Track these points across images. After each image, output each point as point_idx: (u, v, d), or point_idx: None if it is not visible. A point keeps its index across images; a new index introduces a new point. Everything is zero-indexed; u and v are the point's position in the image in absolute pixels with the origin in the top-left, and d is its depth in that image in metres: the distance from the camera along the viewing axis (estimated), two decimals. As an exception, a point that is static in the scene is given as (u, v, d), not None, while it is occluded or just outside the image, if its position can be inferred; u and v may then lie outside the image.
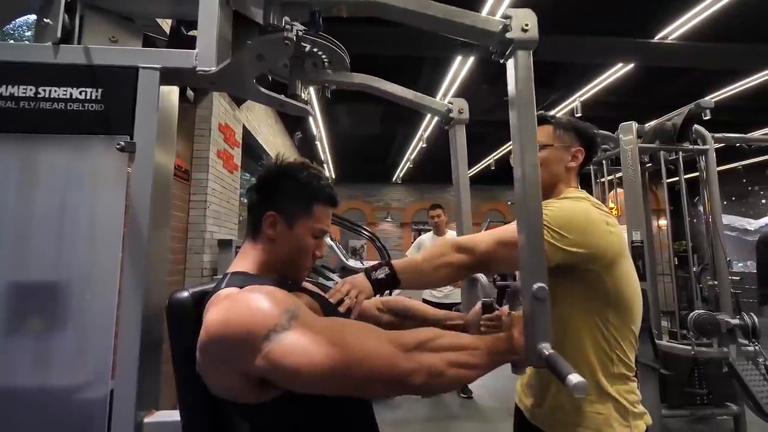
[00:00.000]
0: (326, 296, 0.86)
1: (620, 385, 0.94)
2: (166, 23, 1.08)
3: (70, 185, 0.80)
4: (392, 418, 3.20)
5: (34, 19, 0.89)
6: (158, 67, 0.83)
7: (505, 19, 0.76)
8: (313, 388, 0.63)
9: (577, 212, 0.94)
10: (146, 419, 0.80)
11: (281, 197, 0.84)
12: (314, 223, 0.84)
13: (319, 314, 0.74)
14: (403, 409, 3.38)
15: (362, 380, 0.63)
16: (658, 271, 2.61)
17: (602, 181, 2.98)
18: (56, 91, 0.81)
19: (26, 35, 2.62)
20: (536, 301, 0.70)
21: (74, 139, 0.81)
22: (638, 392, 0.97)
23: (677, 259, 2.65)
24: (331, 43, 0.96)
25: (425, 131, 6.52)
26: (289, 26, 0.81)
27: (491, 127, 6.31)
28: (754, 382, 2.10)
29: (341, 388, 0.64)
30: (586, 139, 1.08)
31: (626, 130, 2.48)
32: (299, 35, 0.85)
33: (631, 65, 4.42)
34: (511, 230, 0.93)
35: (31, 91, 0.81)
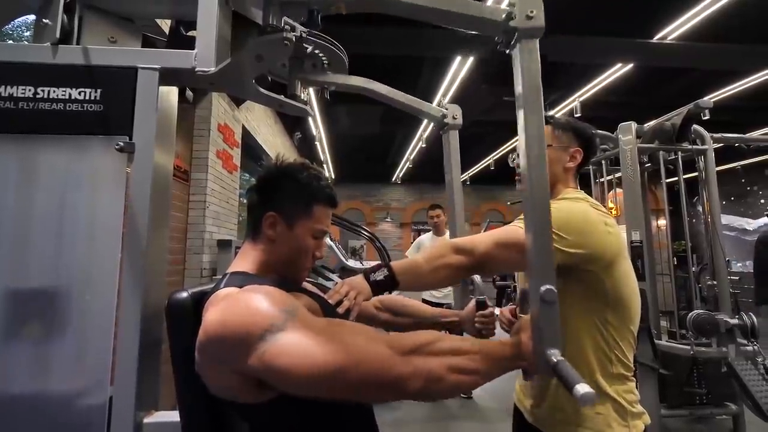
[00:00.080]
0: (325, 297, 0.86)
1: (619, 385, 0.94)
2: (165, 24, 1.08)
3: (69, 186, 0.80)
4: (392, 418, 3.20)
5: (32, 19, 0.89)
6: (157, 67, 0.83)
7: (508, 6, 0.72)
8: (305, 390, 0.61)
9: (575, 213, 0.94)
10: (146, 420, 0.80)
11: (281, 198, 0.84)
12: (314, 223, 0.84)
13: (318, 315, 0.74)
14: (402, 409, 3.38)
15: (357, 384, 0.60)
16: (657, 271, 2.62)
17: (601, 181, 2.98)
18: (55, 91, 0.81)
19: (25, 35, 2.61)
20: (544, 304, 0.66)
21: (73, 139, 0.81)
22: (636, 392, 0.97)
23: (676, 259, 2.66)
24: (331, 44, 0.96)
25: (425, 131, 6.52)
26: (290, 27, 0.81)
27: (491, 127, 6.32)
28: (753, 381, 2.10)
29: (335, 391, 0.61)
30: (584, 139, 1.08)
31: (625, 130, 2.48)
32: (302, 36, 0.84)
33: (630, 65, 4.43)
34: (510, 231, 0.93)
35: (30, 91, 0.80)
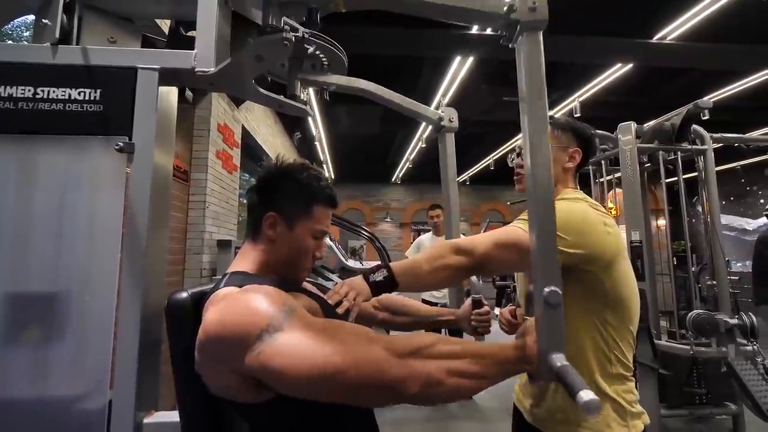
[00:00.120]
0: (324, 298, 0.86)
1: (618, 385, 0.94)
2: (164, 24, 1.08)
3: (68, 186, 0.80)
4: (392, 418, 3.21)
5: (32, 19, 0.89)
6: (157, 67, 0.83)
7: None
8: (300, 391, 0.60)
9: (574, 213, 0.94)
10: (145, 420, 0.80)
11: (281, 198, 0.84)
12: (314, 224, 0.84)
13: (318, 315, 0.74)
14: (402, 409, 3.38)
15: (352, 387, 0.58)
16: (657, 271, 2.62)
17: (601, 181, 2.99)
18: (55, 91, 0.81)
19: (24, 36, 2.61)
20: (547, 306, 0.63)
21: (73, 139, 0.81)
22: (636, 392, 0.97)
23: (676, 259, 2.66)
24: (332, 45, 0.96)
25: (425, 132, 6.52)
26: (289, 27, 0.80)
27: (491, 127, 6.32)
28: (752, 381, 2.10)
29: (330, 393, 0.60)
30: (583, 139, 1.09)
31: (625, 130, 2.49)
32: (305, 37, 0.84)
33: (630, 65, 4.43)
34: (510, 232, 0.93)
35: (29, 91, 0.80)
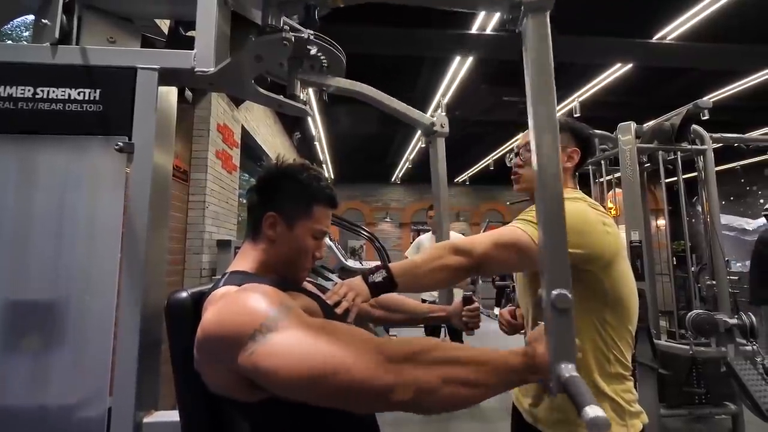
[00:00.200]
0: (323, 298, 0.86)
1: (617, 384, 0.94)
2: (164, 24, 1.08)
3: (68, 186, 0.80)
4: (392, 417, 3.21)
5: (32, 19, 0.89)
6: (156, 67, 0.83)
7: None
8: (290, 393, 0.58)
9: (573, 213, 0.94)
10: (145, 419, 0.80)
11: (281, 198, 0.84)
12: (314, 224, 0.84)
13: (317, 315, 0.74)
14: (402, 408, 3.37)
15: (341, 391, 0.56)
16: (656, 270, 2.62)
17: (601, 181, 2.99)
18: (54, 91, 0.81)
19: (24, 36, 2.61)
20: (556, 311, 0.58)
21: (72, 139, 0.81)
22: (634, 391, 0.97)
23: (675, 258, 2.67)
24: (332, 46, 0.96)
25: (424, 131, 6.52)
26: (289, 27, 0.81)
27: (490, 127, 6.32)
28: (752, 381, 2.11)
29: (319, 397, 0.57)
30: (582, 139, 1.09)
31: (625, 130, 2.49)
32: (308, 38, 0.84)
33: (629, 65, 4.43)
34: (509, 232, 0.93)
35: (29, 91, 0.81)
